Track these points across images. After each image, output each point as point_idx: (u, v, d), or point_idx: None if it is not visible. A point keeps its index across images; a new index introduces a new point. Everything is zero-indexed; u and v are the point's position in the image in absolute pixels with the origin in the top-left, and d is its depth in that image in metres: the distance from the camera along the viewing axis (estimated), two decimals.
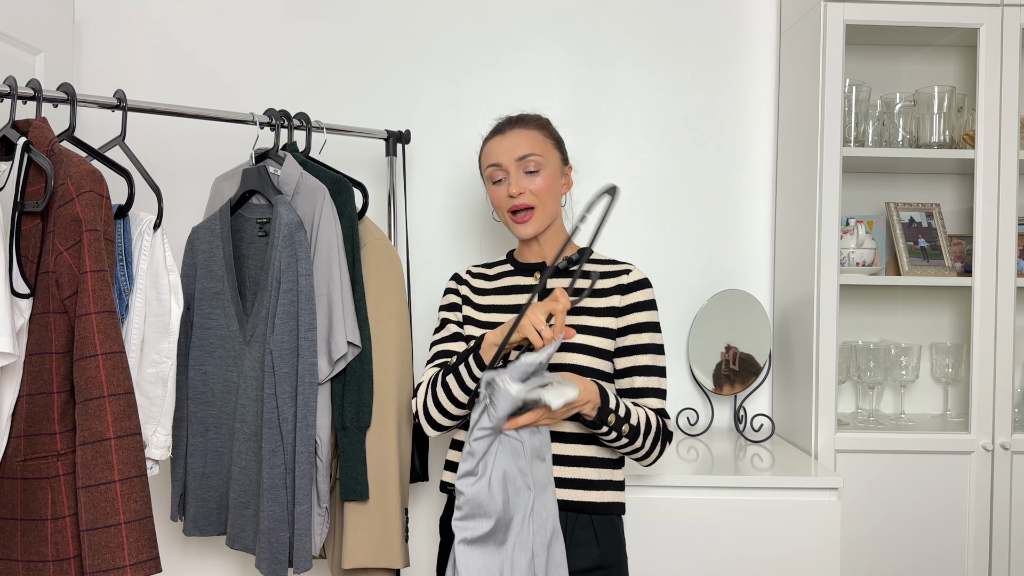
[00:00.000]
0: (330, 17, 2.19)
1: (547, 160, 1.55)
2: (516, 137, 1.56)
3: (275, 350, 1.57)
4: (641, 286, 1.54)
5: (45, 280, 1.34)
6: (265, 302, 1.62)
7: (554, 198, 1.56)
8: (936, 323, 2.24)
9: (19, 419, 1.35)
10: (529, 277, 1.60)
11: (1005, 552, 1.93)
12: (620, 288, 1.53)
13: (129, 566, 1.29)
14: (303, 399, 1.58)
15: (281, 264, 1.57)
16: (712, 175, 2.24)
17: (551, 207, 1.56)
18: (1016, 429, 1.99)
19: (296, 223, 1.59)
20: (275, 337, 1.57)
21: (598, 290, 1.55)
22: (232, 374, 1.69)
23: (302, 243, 1.58)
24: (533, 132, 1.57)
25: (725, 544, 1.71)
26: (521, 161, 1.54)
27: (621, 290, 1.53)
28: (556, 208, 1.57)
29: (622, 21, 2.22)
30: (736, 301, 2.14)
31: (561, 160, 1.61)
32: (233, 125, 2.16)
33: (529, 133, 1.57)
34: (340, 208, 1.68)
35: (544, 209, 1.55)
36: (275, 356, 1.57)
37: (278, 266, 1.58)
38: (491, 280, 1.64)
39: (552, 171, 1.56)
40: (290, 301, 1.57)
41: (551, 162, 1.56)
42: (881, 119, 2.09)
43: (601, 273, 1.57)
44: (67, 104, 1.47)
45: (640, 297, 1.53)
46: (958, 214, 2.24)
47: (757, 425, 2.20)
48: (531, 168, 1.54)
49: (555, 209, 1.57)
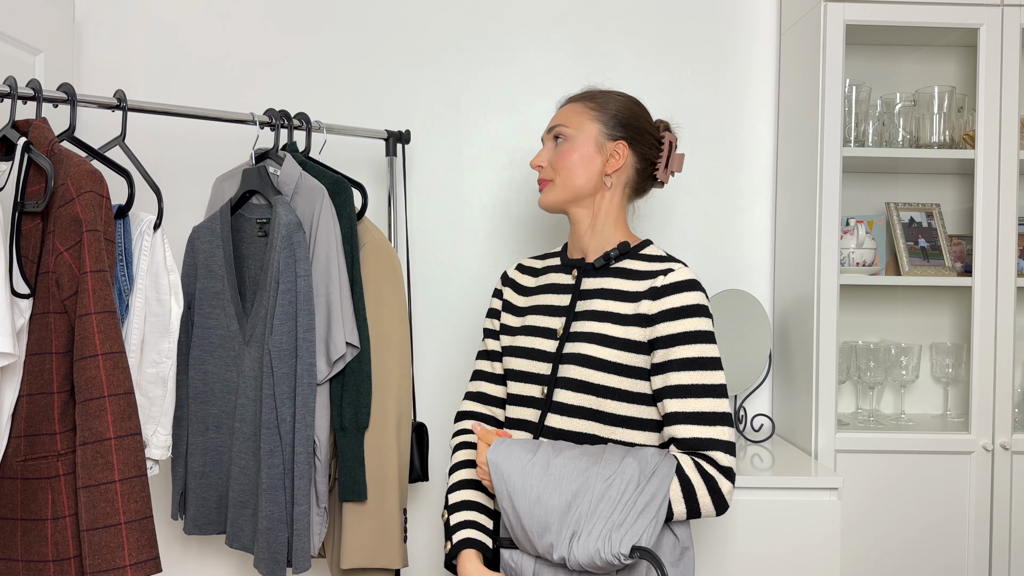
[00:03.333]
0: (330, 18, 2.19)
1: (577, 131, 1.42)
2: (562, 110, 1.46)
3: (274, 351, 1.57)
4: (677, 289, 1.31)
5: (45, 280, 1.34)
6: (264, 302, 1.62)
7: (580, 173, 1.41)
8: (936, 323, 2.24)
9: (19, 419, 1.35)
10: (568, 275, 1.47)
11: (1005, 552, 1.93)
12: (652, 292, 1.33)
13: (129, 566, 1.29)
14: (302, 400, 1.58)
15: (280, 265, 1.57)
16: (712, 175, 2.24)
17: (573, 181, 1.41)
18: (1016, 429, 1.99)
19: (295, 224, 1.59)
20: (274, 338, 1.57)
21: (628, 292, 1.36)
22: (232, 373, 1.70)
23: (301, 244, 1.58)
24: (580, 103, 1.45)
25: (725, 544, 1.71)
26: (551, 132, 1.45)
27: (653, 294, 1.33)
28: (584, 185, 1.41)
29: (622, 21, 2.22)
30: (736, 301, 2.14)
31: (604, 133, 1.42)
32: (233, 125, 2.17)
33: (576, 105, 1.45)
34: (339, 208, 1.68)
35: (563, 182, 1.42)
36: (274, 357, 1.57)
37: (277, 267, 1.58)
38: (537, 276, 1.54)
39: (581, 142, 1.41)
40: (288, 302, 1.57)
41: (582, 133, 1.41)
42: (881, 119, 2.09)
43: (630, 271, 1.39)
44: (67, 104, 1.47)
45: (674, 303, 1.31)
46: (958, 214, 2.24)
47: (757, 425, 2.20)
48: (558, 138, 1.44)
49: (581, 185, 1.41)
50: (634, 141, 1.43)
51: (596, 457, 1.26)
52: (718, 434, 1.26)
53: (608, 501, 1.20)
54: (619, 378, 1.32)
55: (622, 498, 1.20)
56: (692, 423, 1.26)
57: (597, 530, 1.19)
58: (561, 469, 1.24)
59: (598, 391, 1.33)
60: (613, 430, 1.34)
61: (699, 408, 1.26)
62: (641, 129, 1.44)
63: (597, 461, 1.25)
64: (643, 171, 1.46)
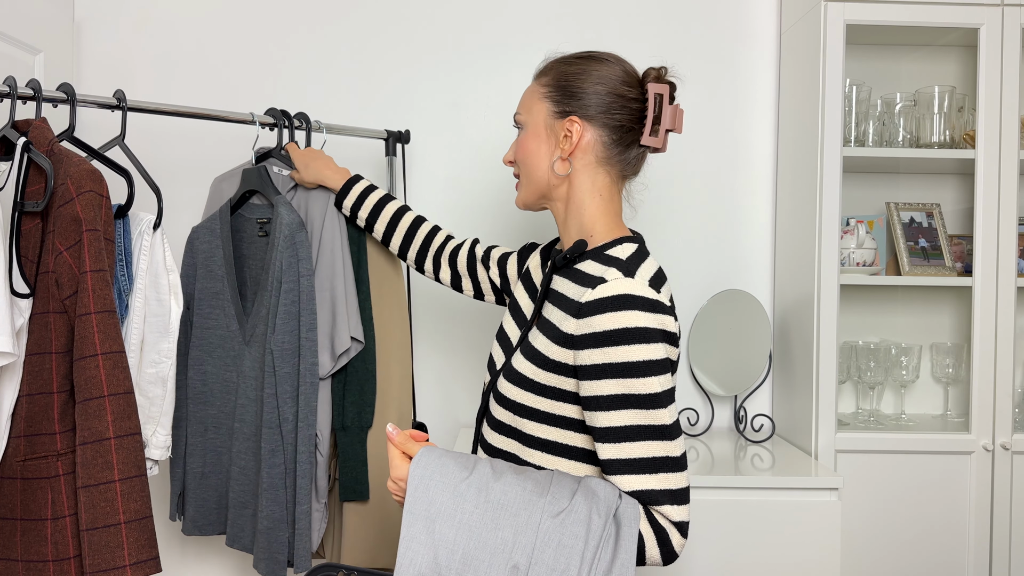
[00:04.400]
0: (330, 17, 2.19)
1: (529, 116, 1.22)
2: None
3: (276, 350, 1.57)
4: (602, 308, 1.04)
5: (45, 280, 1.34)
6: (265, 302, 1.62)
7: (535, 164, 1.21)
8: (936, 323, 2.24)
9: (19, 419, 1.35)
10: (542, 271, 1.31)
11: (1005, 552, 1.93)
12: (576, 308, 1.08)
13: (129, 566, 1.29)
14: (304, 399, 1.58)
15: (282, 264, 1.57)
16: (712, 175, 2.24)
17: (531, 174, 1.22)
18: (1016, 429, 1.99)
19: (297, 223, 1.59)
20: (276, 337, 1.57)
21: (565, 298, 1.14)
22: (231, 374, 1.69)
23: (303, 243, 1.58)
24: (534, 83, 1.23)
25: (725, 544, 1.71)
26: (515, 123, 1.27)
27: (577, 311, 1.07)
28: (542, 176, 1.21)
29: (622, 21, 2.22)
30: (736, 301, 2.14)
31: (552, 112, 1.19)
32: (233, 125, 2.17)
33: (530, 86, 1.24)
34: None
35: (525, 177, 1.23)
36: (276, 356, 1.57)
37: (279, 266, 1.58)
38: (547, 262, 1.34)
39: (532, 129, 1.21)
40: (291, 301, 1.57)
41: (533, 117, 1.21)
42: (881, 119, 2.09)
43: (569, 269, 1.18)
44: (67, 104, 1.47)
45: (597, 326, 1.04)
46: (958, 214, 2.24)
47: (757, 425, 2.20)
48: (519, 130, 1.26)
49: (539, 178, 1.21)
50: (590, 110, 1.16)
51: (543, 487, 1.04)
52: (665, 483, 1.03)
53: (565, 551, 0.99)
54: (539, 399, 1.12)
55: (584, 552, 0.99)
56: (632, 472, 1.03)
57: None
58: (502, 496, 1.02)
59: (517, 409, 1.15)
60: (533, 453, 1.15)
61: (637, 454, 1.03)
62: (598, 93, 1.16)
63: (543, 493, 1.03)
64: (621, 140, 1.17)
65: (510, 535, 0.99)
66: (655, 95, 1.17)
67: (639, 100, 1.18)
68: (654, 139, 1.17)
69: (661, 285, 1.12)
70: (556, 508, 1.01)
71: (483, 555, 0.98)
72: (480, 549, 0.99)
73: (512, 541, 0.99)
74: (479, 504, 1.01)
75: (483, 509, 1.01)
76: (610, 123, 1.17)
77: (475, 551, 0.98)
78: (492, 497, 1.01)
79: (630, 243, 1.16)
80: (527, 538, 0.99)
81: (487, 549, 0.99)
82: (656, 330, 1.04)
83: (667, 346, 1.06)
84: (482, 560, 0.98)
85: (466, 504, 1.01)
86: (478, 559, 0.98)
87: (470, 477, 1.04)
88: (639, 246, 1.16)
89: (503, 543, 0.99)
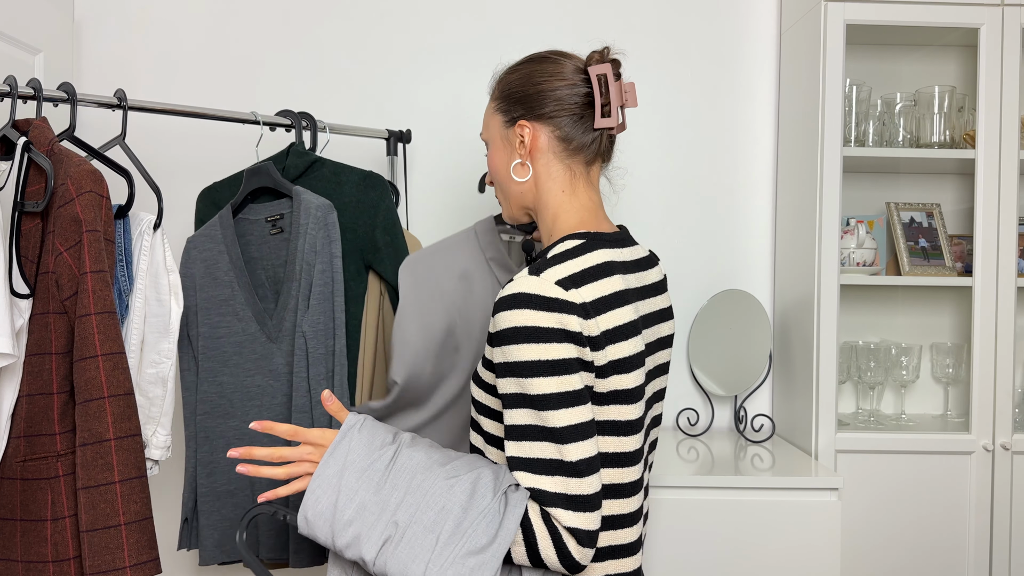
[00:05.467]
0: (331, 17, 2.19)
1: (488, 133, 1.24)
2: None
3: (309, 331, 1.53)
4: (500, 307, 1.04)
5: (45, 280, 1.34)
6: (293, 293, 1.58)
7: (502, 178, 1.22)
8: (936, 323, 2.24)
9: (19, 420, 1.35)
10: None
11: (1005, 552, 1.93)
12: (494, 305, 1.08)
13: (129, 567, 1.29)
14: (339, 379, 1.54)
15: (316, 246, 1.55)
16: (712, 175, 2.24)
17: (503, 188, 1.23)
18: (1017, 429, 1.99)
19: (327, 205, 1.56)
20: (310, 317, 1.53)
21: None
22: (255, 378, 1.63)
23: (334, 224, 1.56)
24: (489, 102, 1.25)
25: (725, 544, 1.71)
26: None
27: (493, 308, 1.08)
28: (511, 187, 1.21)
29: (622, 21, 2.22)
30: (736, 301, 2.14)
31: (503, 123, 1.20)
32: (233, 125, 2.17)
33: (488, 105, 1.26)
34: (374, 202, 1.63)
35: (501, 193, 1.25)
36: (309, 337, 1.53)
37: (310, 248, 1.55)
38: None
39: (493, 146, 1.23)
40: (324, 282, 1.54)
41: (491, 132, 1.23)
42: (881, 119, 2.09)
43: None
44: (67, 104, 1.47)
45: (497, 324, 1.05)
46: (958, 214, 2.24)
47: (757, 425, 2.20)
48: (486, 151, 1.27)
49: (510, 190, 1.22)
50: (536, 109, 1.16)
51: (449, 461, 1.09)
52: (562, 487, 1.00)
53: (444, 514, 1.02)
54: (487, 396, 1.13)
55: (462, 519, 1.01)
56: (528, 471, 1.02)
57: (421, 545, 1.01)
58: (407, 461, 1.07)
59: (477, 406, 1.17)
60: (489, 449, 1.16)
61: (532, 454, 1.02)
62: (538, 91, 1.17)
63: (444, 464, 1.08)
64: (575, 130, 1.16)
65: (400, 495, 1.04)
66: (597, 77, 1.16)
67: (584, 86, 1.17)
68: (608, 120, 1.16)
69: (585, 283, 1.06)
70: (448, 475, 1.05)
71: (374, 508, 1.03)
72: (373, 503, 1.03)
73: (400, 500, 1.03)
74: (386, 464, 1.07)
75: (387, 469, 1.06)
76: (558, 116, 1.16)
77: (368, 503, 1.04)
78: (399, 461, 1.07)
79: (574, 239, 1.12)
80: (414, 499, 1.03)
81: (378, 503, 1.03)
82: (552, 329, 1.01)
83: (571, 345, 1.02)
84: (372, 512, 1.03)
85: (376, 464, 1.07)
86: (368, 511, 1.03)
87: (392, 444, 1.10)
88: (584, 242, 1.11)
89: (394, 501, 1.03)
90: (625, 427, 1.08)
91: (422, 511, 1.02)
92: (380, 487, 1.04)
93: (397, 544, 1.01)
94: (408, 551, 1.00)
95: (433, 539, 1.00)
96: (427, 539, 1.00)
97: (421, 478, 1.05)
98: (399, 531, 1.01)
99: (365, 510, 1.03)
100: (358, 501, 1.03)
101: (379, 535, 1.02)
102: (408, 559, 1.00)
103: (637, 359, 1.09)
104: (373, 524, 1.02)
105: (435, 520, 1.01)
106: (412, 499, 1.03)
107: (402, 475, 1.05)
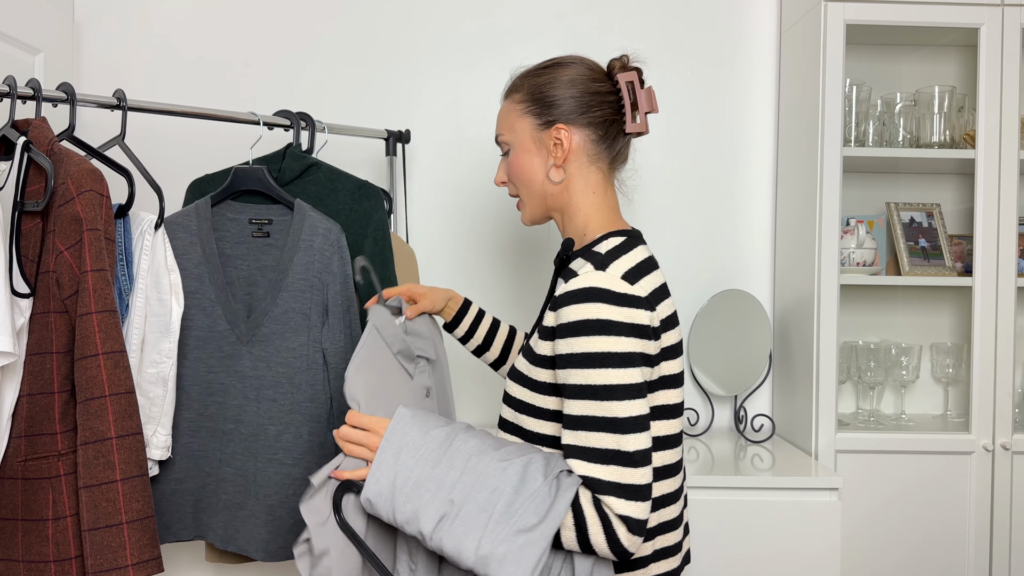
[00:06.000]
0: (330, 17, 2.19)
1: (513, 135, 1.25)
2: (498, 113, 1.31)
3: (330, 348, 1.60)
4: (571, 300, 1.08)
5: (45, 280, 1.34)
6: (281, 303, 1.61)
7: (531, 181, 1.24)
8: (936, 323, 2.24)
9: (20, 419, 1.35)
10: None
11: (1005, 552, 1.93)
12: (554, 300, 1.13)
13: (131, 566, 1.29)
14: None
15: (332, 267, 1.61)
16: (712, 175, 2.24)
17: (531, 192, 1.25)
18: (1016, 429, 2.00)
19: (338, 229, 1.62)
20: (330, 335, 1.60)
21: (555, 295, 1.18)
22: (218, 375, 1.64)
23: (347, 248, 1.62)
24: (508, 100, 1.27)
25: (725, 544, 1.71)
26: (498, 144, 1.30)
27: (554, 303, 1.12)
28: (542, 190, 1.24)
29: (621, 21, 2.22)
30: (736, 301, 2.14)
31: (535, 125, 1.23)
32: (233, 125, 2.17)
33: (505, 105, 1.28)
34: (368, 212, 1.66)
35: (527, 197, 1.26)
36: (329, 355, 1.60)
37: (321, 268, 1.60)
38: None
39: (521, 148, 1.24)
40: (342, 303, 1.61)
41: (518, 135, 1.24)
42: (881, 119, 2.09)
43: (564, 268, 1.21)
44: (67, 104, 1.46)
45: (567, 316, 1.08)
46: (958, 214, 2.24)
47: (757, 425, 2.20)
48: (504, 152, 1.28)
49: (540, 192, 1.24)
50: (572, 114, 1.21)
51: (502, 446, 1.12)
52: (616, 476, 1.04)
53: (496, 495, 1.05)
54: (532, 393, 1.17)
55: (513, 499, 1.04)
56: (584, 459, 1.06)
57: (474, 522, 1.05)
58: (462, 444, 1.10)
59: (517, 406, 1.20)
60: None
61: (589, 443, 1.06)
62: (575, 96, 1.21)
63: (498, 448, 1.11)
64: (607, 135, 1.22)
65: (456, 474, 1.07)
66: (627, 83, 1.22)
67: (613, 92, 1.22)
68: (637, 125, 1.22)
69: (641, 277, 1.12)
70: (501, 459, 1.08)
71: (430, 485, 1.07)
72: (429, 480, 1.07)
73: (456, 479, 1.07)
74: (441, 445, 1.10)
75: (442, 450, 1.10)
76: (593, 121, 1.21)
77: (425, 481, 1.07)
78: (455, 444, 1.11)
79: (617, 236, 1.19)
80: (469, 479, 1.07)
81: (434, 481, 1.07)
82: (622, 323, 1.07)
83: (637, 340, 1.08)
84: (427, 489, 1.07)
85: (431, 443, 1.10)
86: (424, 488, 1.07)
87: (443, 427, 1.13)
88: (626, 239, 1.18)
89: (449, 480, 1.07)
90: (671, 411, 1.17)
91: (476, 491, 1.05)
92: (436, 465, 1.08)
93: (452, 521, 1.05)
94: (462, 527, 1.04)
95: (486, 517, 1.04)
96: (480, 517, 1.04)
97: (476, 460, 1.08)
98: (454, 508, 1.05)
99: (421, 487, 1.07)
100: (415, 479, 1.07)
101: (435, 512, 1.05)
102: (462, 535, 1.04)
103: (680, 347, 1.19)
104: (429, 501, 1.06)
105: (488, 499, 1.05)
106: (467, 479, 1.06)
107: (457, 456, 1.09)
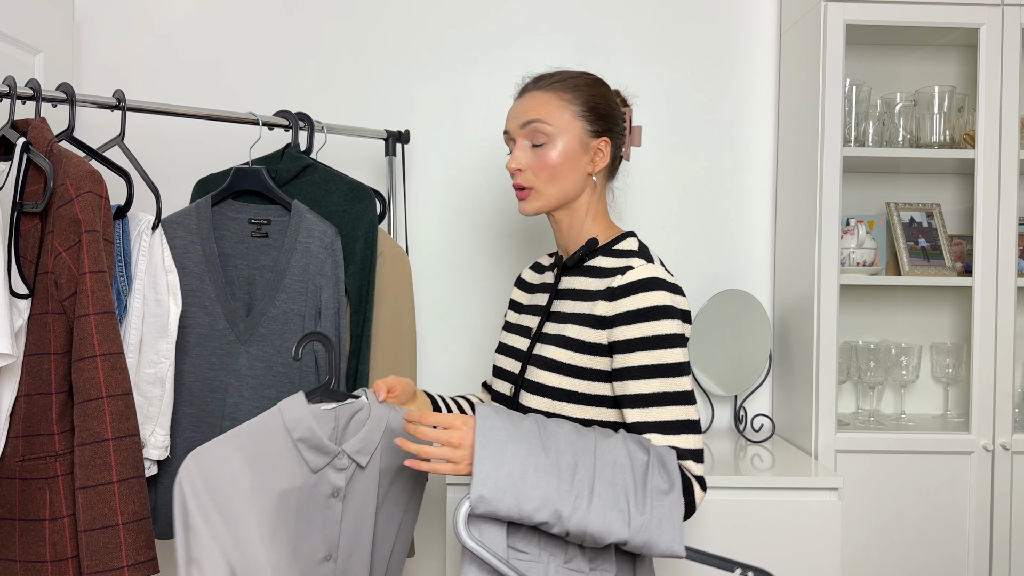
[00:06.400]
0: (330, 17, 2.19)
1: (560, 130, 1.28)
2: (530, 100, 1.30)
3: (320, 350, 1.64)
4: (635, 290, 1.21)
5: (44, 281, 1.34)
6: (280, 304, 1.63)
7: (565, 178, 1.29)
8: (936, 323, 2.24)
9: (17, 419, 1.35)
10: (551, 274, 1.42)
11: (1005, 552, 1.93)
12: (609, 292, 1.23)
13: (127, 567, 1.29)
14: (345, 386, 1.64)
15: (325, 270, 1.63)
16: (712, 175, 2.23)
17: (559, 187, 1.30)
18: (1016, 429, 1.99)
19: (334, 231, 1.64)
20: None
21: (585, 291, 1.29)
22: (218, 372, 1.66)
23: (340, 251, 1.64)
24: (553, 94, 1.30)
25: (725, 544, 1.71)
26: (525, 129, 1.29)
27: (609, 295, 1.23)
28: (571, 188, 1.30)
29: (622, 21, 2.22)
30: (736, 301, 2.13)
31: (588, 131, 1.30)
32: (232, 125, 2.17)
33: (547, 96, 1.30)
34: (359, 214, 1.68)
35: (549, 190, 1.30)
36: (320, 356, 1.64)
37: (316, 271, 1.63)
38: (541, 274, 1.47)
39: (567, 145, 1.28)
40: (333, 305, 1.63)
41: (566, 133, 1.28)
42: (881, 119, 2.09)
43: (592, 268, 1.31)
44: (66, 104, 1.47)
45: (631, 305, 1.21)
46: (958, 214, 2.24)
47: (757, 425, 2.19)
48: (538, 140, 1.28)
49: (568, 189, 1.30)
50: (611, 133, 1.33)
51: (582, 429, 1.17)
52: (685, 443, 1.17)
53: (619, 469, 1.10)
54: (576, 380, 1.24)
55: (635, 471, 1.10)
56: (659, 432, 1.17)
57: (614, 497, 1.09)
58: (556, 428, 1.14)
59: (555, 394, 1.26)
60: None
61: (663, 417, 1.17)
62: (616, 117, 1.34)
63: (586, 432, 1.16)
64: (617, 152, 1.37)
65: (570, 457, 1.11)
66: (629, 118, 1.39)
67: (624, 120, 1.38)
68: (629, 152, 1.41)
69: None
70: (598, 438, 1.14)
71: (550, 470, 1.09)
72: (547, 465, 1.09)
73: (573, 461, 1.10)
74: (539, 432, 1.13)
75: (542, 436, 1.12)
76: (617, 140, 1.36)
77: (544, 467, 1.09)
78: (548, 428, 1.14)
79: (631, 238, 1.33)
80: (585, 460, 1.11)
81: (551, 465, 1.09)
82: (676, 308, 1.22)
83: (683, 323, 1.23)
84: (551, 473, 1.08)
85: (529, 432, 1.12)
86: (547, 472, 1.08)
87: (522, 417, 1.15)
88: (639, 240, 1.33)
89: (565, 462, 1.10)
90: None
91: (599, 468, 1.10)
92: (546, 451, 1.10)
93: (589, 499, 1.08)
94: (602, 503, 1.08)
95: (620, 491, 1.09)
96: (613, 491, 1.09)
97: (581, 442, 1.13)
98: (586, 488, 1.09)
99: (542, 473, 1.09)
100: (533, 465, 1.09)
101: (568, 494, 1.08)
102: (607, 508, 1.08)
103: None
104: (557, 485, 1.08)
105: (613, 475, 1.10)
106: (584, 460, 1.10)
107: (558, 440, 1.12)
